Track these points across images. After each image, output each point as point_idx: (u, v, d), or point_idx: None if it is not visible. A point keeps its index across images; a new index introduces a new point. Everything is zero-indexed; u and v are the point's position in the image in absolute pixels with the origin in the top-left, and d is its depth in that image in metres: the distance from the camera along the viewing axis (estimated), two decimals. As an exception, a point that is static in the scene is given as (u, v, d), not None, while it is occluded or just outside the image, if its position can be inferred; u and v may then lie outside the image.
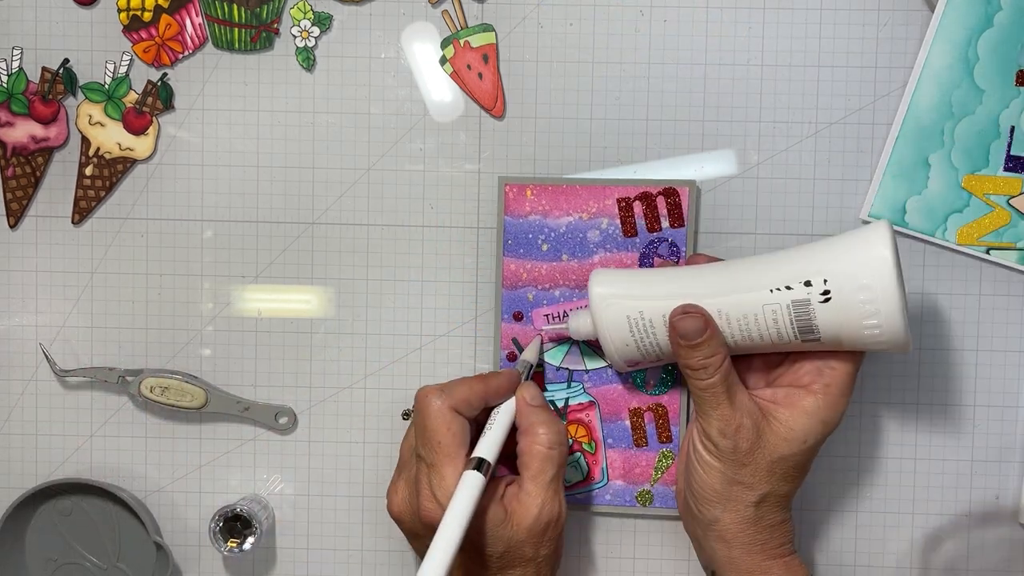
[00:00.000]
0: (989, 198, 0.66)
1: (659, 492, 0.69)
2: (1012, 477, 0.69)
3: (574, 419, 0.68)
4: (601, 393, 0.68)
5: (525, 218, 0.68)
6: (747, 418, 0.61)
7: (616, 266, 0.67)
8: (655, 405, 0.68)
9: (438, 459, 0.60)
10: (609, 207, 0.67)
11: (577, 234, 0.67)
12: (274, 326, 0.70)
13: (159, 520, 0.71)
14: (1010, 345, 0.68)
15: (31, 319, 0.70)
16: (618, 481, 0.69)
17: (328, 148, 0.69)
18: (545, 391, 0.68)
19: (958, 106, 0.66)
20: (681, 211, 0.67)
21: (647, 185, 0.67)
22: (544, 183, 0.67)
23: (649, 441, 0.68)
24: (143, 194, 0.69)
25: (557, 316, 0.68)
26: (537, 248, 0.68)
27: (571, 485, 0.68)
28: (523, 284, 0.68)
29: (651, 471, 0.68)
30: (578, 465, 0.68)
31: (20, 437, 0.70)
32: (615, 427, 0.68)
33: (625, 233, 0.67)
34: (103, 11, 0.68)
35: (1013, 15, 0.65)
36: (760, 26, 0.68)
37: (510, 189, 0.67)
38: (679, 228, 0.67)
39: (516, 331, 0.68)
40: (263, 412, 0.69)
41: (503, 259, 0.68)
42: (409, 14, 0.68)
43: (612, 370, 0.68)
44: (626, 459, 0.68)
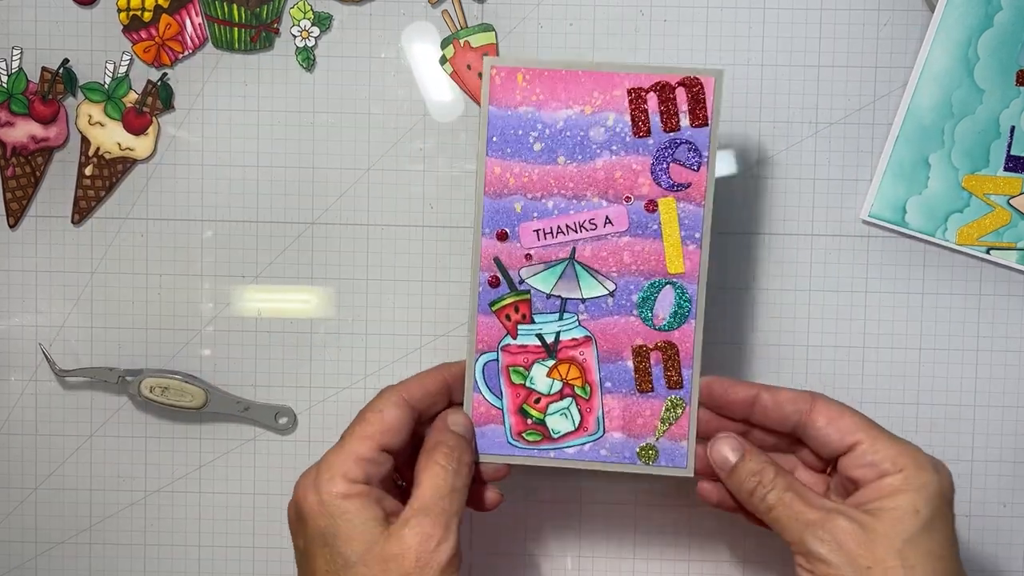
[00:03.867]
0: (989, 198, 0.66)
1: (665, 447, 0.59)
2: (1012, 478, 0.69)
3: (566, 357, 0.59)
4: (600, 327, 0.59)
5: (514, 110, 0.57)
6: (842, 517, 0.54)
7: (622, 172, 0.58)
8: (663, 343, 0.59)
9: (347, 435, 0.57)
10: (617, 99, 0.57)
11: (577, 132, 0.58)
12: (274, 326, 0.70)
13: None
14: (1010, 345, 0.68)
15: (31, 319, 0.70)
16: (616, 433, 0.60)
17: (328, 148, 0.69)
18: (533, 323, 0.59)
19: (958, 106, 0.66)
20: (705, 106, 0.57)
21: (665, 73, 0.57)
22: (540, 67, 0.57)
23: (655, 386, 0.59)
24: (143, 194, 0.69)
25: (550, 232, 0.58)
26: (528, 147, 0.58)
27: (561, 436, 0.60)
28: (509, 192, 0.58)
29: (656, 422, 0.59)
30: (568, 413, 0.60)
31: (20, 437, 0.70)
32: (615, 368, 0.59)
33: (636, 132, 0.57)
34: (103, 11, 0.68)
35: (1013, 15, 0.65)
36: (760, 26, 0.68)
37: (497, 73, 0.57)
38: (701, 127, 0.57)
39: (500, 251, 0.59)
40: (263, 412, 0.69)
41: (486, 159, 0.58)
42: (409, 14, 0.68)
43: (613, 299, 0.59)
44: (627, 407, 0.59)
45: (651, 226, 0.58)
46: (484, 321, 0.59)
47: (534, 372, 0.60)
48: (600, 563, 0.70)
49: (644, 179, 0.58)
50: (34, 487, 0.71)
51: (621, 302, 0.59)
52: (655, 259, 0.59)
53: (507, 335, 0.59)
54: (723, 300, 0.69)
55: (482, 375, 0.60)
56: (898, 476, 0.54)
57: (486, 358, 0.60)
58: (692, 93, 0.57)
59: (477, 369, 0.60)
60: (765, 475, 0.56)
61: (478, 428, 0.60)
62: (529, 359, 0.59)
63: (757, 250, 0.69)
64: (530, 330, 0.59)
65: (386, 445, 0.56)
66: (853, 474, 0.56)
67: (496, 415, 0.60)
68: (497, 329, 0.59)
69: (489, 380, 0.60)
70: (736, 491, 0.58)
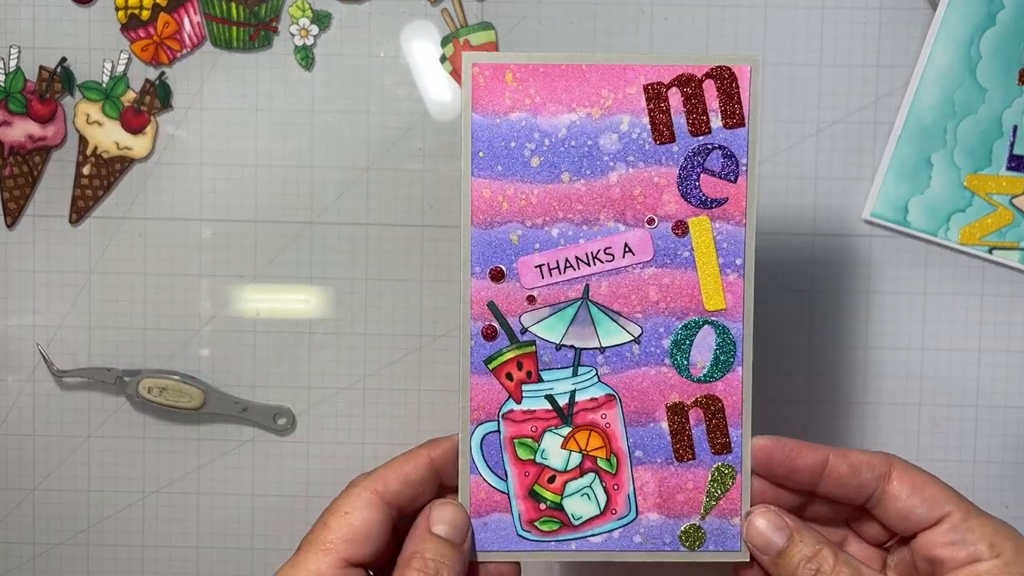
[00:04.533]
0: (992, 198, 0.66)
1: (714, 527, 0.49)
2: (1015, 479, 0.69)
3: (584, 422, 0.49)
4: (624, 382, 0.49)
5: (505, 117, 0.47)
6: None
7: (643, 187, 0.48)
8: (705, 398, 0.49)
9: (304, 545, 0.48)
10: (632, 98, 0.47)
11: (584, 140, 0.48)
12: (273, 326, 0.70)
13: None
14: (1012, 345, 0.68)
15: (28, 319, 0.70)
16: (653, 514, 0.49)
17: (327, 147, 0.69)
18: (540, 382, 0.49)
19: (960, 105, 0.66)
20: (740, 102, 0.47)
21: (688, 64, 0.47)
22: (533, 62, 0.47)
23: (697, 452, 0.49)
24: (141, 193, 0.69)
25: (556, 267, 0.48)
26: (524, 163, 0.48)
27: (583, 522, 0.49)
28: (503, 219, 0.48)
29: (701, 497, 0.49)
30: (591, 493, 0.49)
31: (17, 438, 0.70)
32: (646, 433, 0.49)
33: (657, 138, 0.47)
34: (101, 10, 0.68)
35: (1015, 13, 0.65)
36: (761, 25, 0.68)
37: (480, 72, 0.47)
38: (738, 128, 0.48)
39: (495, 294, 0.49)
40: (261, 413, 0.69)
41: (471, 180, 0.48)
42: (408, 12, 0.68)
43: (640, 347, 0.48)
44: (664, 480, 0.49)
45: (682, 253, 0.49)
46: (480, 383, 0.49)
47: (546, 444, 0.49)
48: (600, 564, 0.70)
49: (670, 195, 0.48)
50: (32, 488, 0.70)
51: (649, 349, 0.49)
52: (689, 294, 0.49)
53: (509, 399, 0.49)
54: (724, 300, 0.69)
55: (480, 451, 0.50)
56: (996, 562, 0.47)
57: (484, 429, 0.49)
58: (723, 86, 0.48)
59: (474, 444, 0.49)
60: (824, 561, 0.48)
61: (479, 519, 0.50)
62: (538, 428, 0.49)
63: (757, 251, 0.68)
64: (538, 391, 0.49)
65: (354, 558, 0.47)
66: (938, 553, 0.48)
67: (501, 501, 0.50)
68: (496, 392, 0.49)
69: (489, 457, 0.49)
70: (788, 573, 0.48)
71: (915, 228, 0.67)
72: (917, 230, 0.67)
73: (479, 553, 0.49)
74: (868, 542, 0.52)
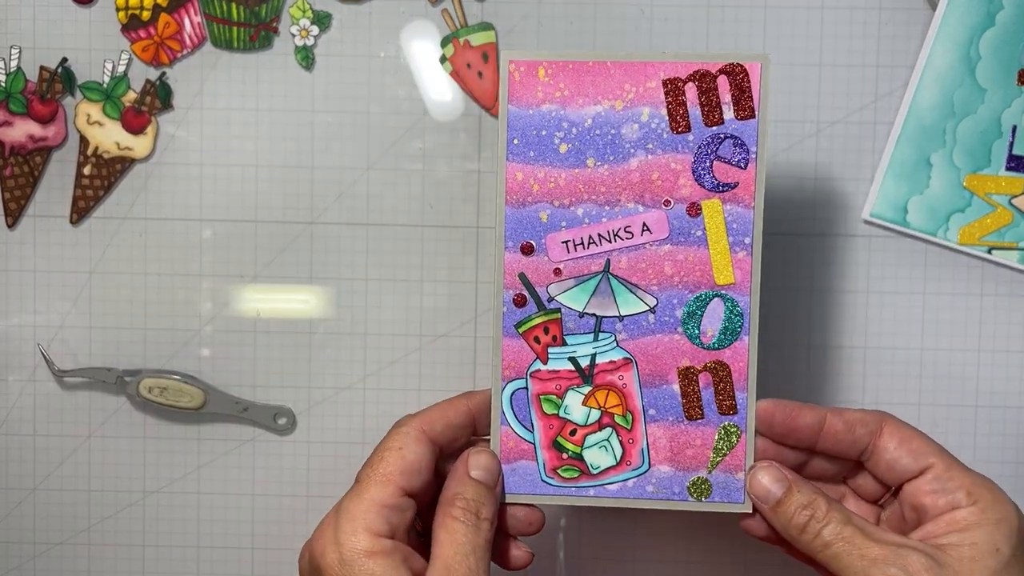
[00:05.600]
0: (991, 198, 0.66)
1: (719, 481, 0.54)
2: (1014, 479, 0.69)
3: (603, 383, 0.53)
4: (640, 347, 0.53)
5: (537, 108, 0.53)
6: (914, 552, 0.49)
7: (660, 172, 0.53)
8: (713, 364, 0.53)
9: (364, 477, 0.52)
10: (652, 91, 0.52)
11: (608, 130, 0.52)
12: (273, 326, 0.70)
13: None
14: (1012, 345, 0.68)
15: (29, 319, 0.70)
16: (664, 466, 0.54)
17: (327, 147, 0.69)
18: (565, 345, 0.54)
19: (960, 105, 0.66)
20: (751, 96, 0.52)
21: (704, 60, 0.52)
22: (564, 59, 0.52)
23: (706, 412, 0.54)
24: (142, 193, 0.69)
25: (581, 243, 0.53)
26: (553, 149, 0.53)
27: (601, 471, 0.54)
28: (534, 200, 0.53)
29: (708, 453, 0.54)
30: (609, 445, 0.54)
31: (18, 438, 0.70)
32: (659, 393, 0.54)
33: (674, 128, 0.52)
34: (101, 10, 0.68)
35: (1015, 14, 0.65)
36: (761, 25, 0.68)
37: (516, 68, 0.52)
38: (748, 120, 0.52)
39: (525, 266, 0.54)
40: (262, 413, 0.69)
41: (506, 165, 0.53)
42: (409, 13, 0.68)
43: (655, 316, 0.53)
44: (674, 436, 0.54)
45: (695, 232, 0.53)
46: (510, 345, 0.54)
47: (568, 400, 0.54)
48: (600, 564, 0.70)
49: (685, 180, 0.53)
50: (32, 488, 0.71)
51: (664, 319, 0.53)
52: (701, 269, 0.53)
53: (536, 360, 0.54)
54: (724, 300, 0.69)
55: (510, 405, 0.55)
56: (973, 509, 0.50)
57: (514, 386, 0.54)
58: (736, 82, 0.52)
59: (504, 399, 0.54)
60: (817, 508, 0.51)
61: (507, 465, 0.55)
62: (562, 386, 0.54)
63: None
64: (562, 353, 0.54)
65: (409, 488, 0.52)
66: (922, 500, 0.52)
67: (527, 450, 0.55)
68: (525, 353, 0.54)
69: (518, 411, 0.54)
70: (784, 528, 0.52)
71: (914, 228, 0.67)
72: (916, 230, 0.67)
73: (507, 495, 0.55)
74: (864, 499, 0.56)
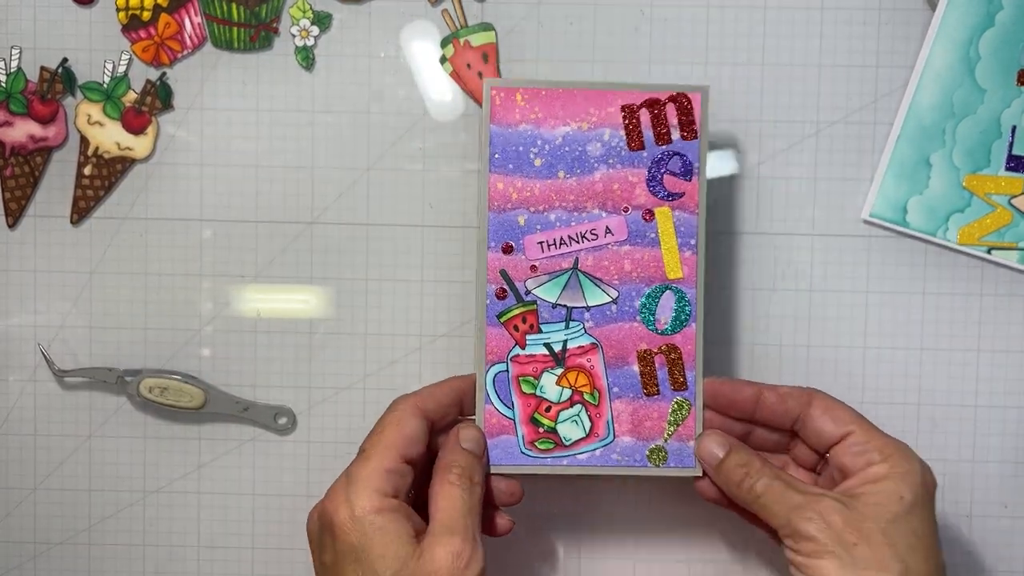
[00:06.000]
0: (991, 198, 0.66)
1: (674, 448, 0.61)
2: (1014, 478, 0.69)
3: (574, 365, 0.61)
4: (605, 334, 0.61)
5: (515, 128, 0.60)
6: (828, 498, 0.56)
7: (620, 184, 0.61)
8: (667, 347, 0.61)
9: (368, 446, 0.58)
10: (612, 115, 0.60)
11: (576, 147, 0.60)
12: (273, 326, 0.70)
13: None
14: (1011, 345, 0.68)
15: (30, 319, 0.70)
16: (626, 437, 0.61)
17: (327, 148, 0.69)
18: (540, 332, 0.61)
19: (959, 105, 0.66)
20: (694, 120, 0.61)
21: (654, 91, 0.60)
22: (537, 87, 0.60)
23: (661, 389, 0.61)
24: (142, 194, 0.69)
25: (553, 243, 0.61)
26: (529, 163, 0.60)
27: (573, 443, 0.61)
28: (513, 206, 0.60)
29: (664, 424, 0.61)
30: (579, 420, 0.61)
31: (18, 438, 0.70)
32: (622, 373, 0.61)
33: (631, 146, 0.60)
34: (102, 10, 0.68)
35: (1014, 14, 0.65)
36: (760, 25, 0.68)
37: (497, 93, 0.60)
38: (692, 140, 0.61)
39: (505, 264, 0.61)
40: (262, 412, 0.69)
41: (489, 176, 0.60)
42: (409, 13, 0.68)
43: (617, 306, 0.61)
44: (635, 411, 0.61)
45: (649, 234, 0.61)
46: (493, 333, 0.61)
47: (543, 381, 0.61)
48: (599, 563, 0.70)
49: (640, 190, 0.61)
50: (33, 487, 0.71)
51: (624, 308, 0.61)
52: (654, 266, 0.61)
53: (516, 345, 0.61)
54: (723, 300, 0.69)
55: (492, 386, 0.61)
56: (884, 464, 0.57)
57: (496, 369, 0.61)
58: (681, 108, 0.61)
59: (488, 380, 0.61)
60: (752, 465, 0.59)
61: (491, 439, 0.61)
62: (538, 368, 0.61)
63: (757, 250, 0.69)
64: (538, 340, 0.61)
65: (408, 456, 0.58)
66: (843, 461, 0.58)
67: (508, 425, 0.61)
68: (506, 340, 0.61)
69: (500, 391, 0.61)
70: (725, 484, 0.60)
71: (914, 228, 0.67)
72: (916, 230, 0.67)
73: (491, 467, 0.61)
74: (803, 467, 0.63)
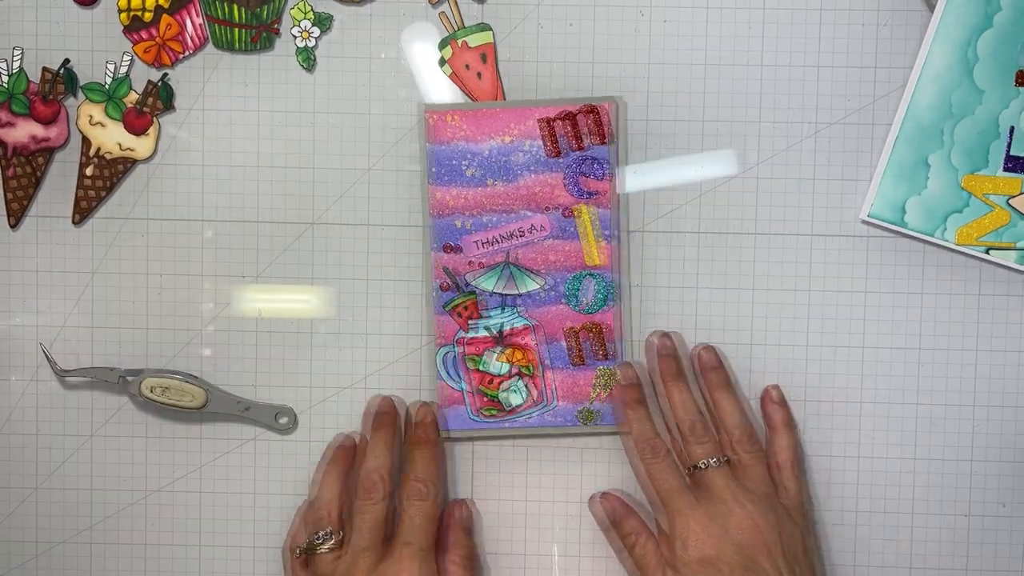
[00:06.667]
0: (989, 198, 0.66)
1: (599, 409, 0.69)
2: (1012, 477, 0.69)
3: (512, 343, 0.69)
4: (537, 316, 0.69)
5: (449, 144, 0.67)
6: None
7: (542, 187, 0.68)
8: (590, 324, 0.69)
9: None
10: (531, 128, 0.67)
11: (502, 157, 0.67)
12: (274, 326, 0.70)
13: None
14: (1010, 345, 0.68)
15: (32, 319, 0.70)
16: (560, 402, 0.69)
17: (328, 148, 0.69)
18: (481, 318, 0.69)
19: (958, 106, 0.66)
20: (603, 128, 0.67)
21: (567, 104, 0.67)
22: (465, 108, 0.67)
23: (587, 359, 0.69)
24: (143, 194, 0.69)
25: (488, 242, 0.68)
26: (462, 174, 0.67)
27: (514, 409, 0.69)
28: (451, 212, 0.68)
29: (590, 389, 0.69)
30: (519, 389, 0.69)
31: (20, 437, 0.70)
32: (554, 348, 0.69)
33: (549, 153, 0.67)
34: (104, 11, 0.68)
35: (1013, 15, 0.65)
36: (760, 26, 0.68)
37: (431, 116, 0.67)
38: (603, 145, 0.67)
39: (448, 261, 0.68)
40: (263, 412, 0.69)
41: (429, 187, 0.68)
42: (409, 14, 0.68)
43: (545, 292, 0.69)
44: (566, 379, 0.69)
45: (570, 229, 0.68)
46: (441, 320, 0.69)
47: (487, 358, 0.69)
48: (600, 563, 0.71)
49: (560, 191, 0.68)
50: (35, 487, 0.71)
51: (552, 293, 0.69)
52: (576, 256, 0.68)
53: (460, 330, 0.69)
54: (723, 300, 0.69)
55: (443, 365, 0.69)
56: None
57: (446, 350, 0.69)
58: (593, 118, 0.67)
59: (439, 360, 0.69)
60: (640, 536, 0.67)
61: (445, 409, 0.69)
62: (481, 348, 0.69)
63: (757, 250, 0.69)
64: (480, 324, 0.69)
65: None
66: None
67: (459, 397, 0.69)
68: (452, 325, 0.69)
69: (450, 368, 0.69)
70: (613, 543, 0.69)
71: (912, 228, 0.67)
72: (914, 230, 0.67)
73: (447, 431, 0.69)
74: None
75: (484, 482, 0.71)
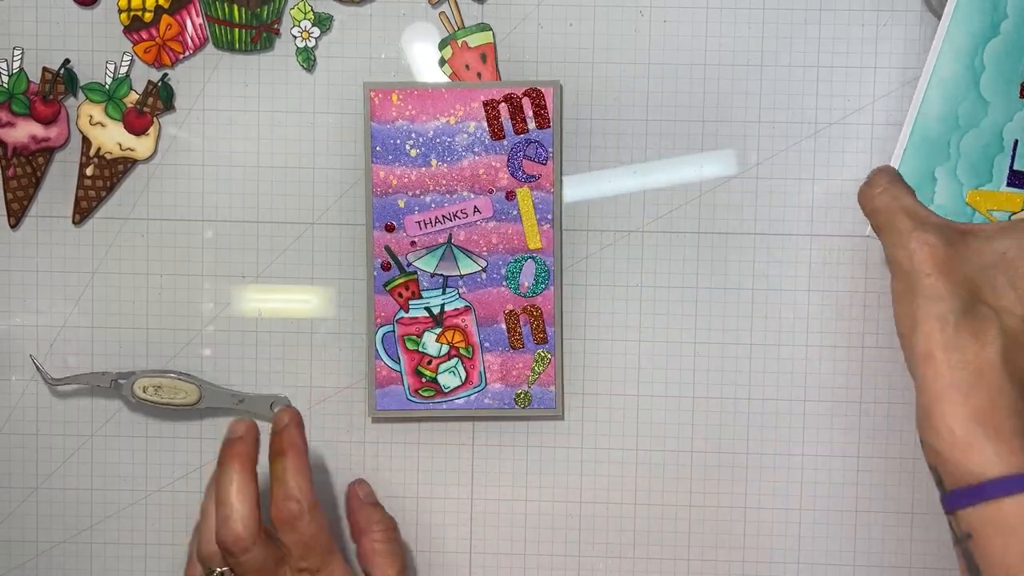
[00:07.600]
0: (992, 214, 0.66)
1: (536, 393, 0.69)
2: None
3: (450, 325, 0.69)
4: (476, 297, 0.69)
5: (392, 123, 0.67)
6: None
7: (485, 169, 0.68)
8: (529, 307, 0.69)
9: None
10: (476, 110, 0.67)
11: (445, 138, 0.67)
12: (274, 326, 0.70)
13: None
14: (1009, 347, 0.69)
15: (32, 319, 0.70)
16: (496, 384, 0.69)
17: (328, 148, 0.69)
18: (421, 298, 0.68)
19: (964, 118, 0.65)
20: (547, 112, 0.67)
21: (511, 87, 0.67)
22: (410, 87, 0.67)
23: (525, 343, 0.69)
24: (144, 194, 0.69)
25: (429, 222, 0.68)
26: (406, 154, 0.67)
27: (451, 390, 0.69)
28: (393, 191, 0.68)
29: (528, 372, 0.69)
30: (456, 371, 0.69)
31: (20, 438, 0.71)
32: (491, 331, 0.69)
33: (492, 136, 0.67)
34: (104, 11, 0.68)
35: (1019, 23, 0.64)
36: (760, 26, 0.68)
37: (376, 94, 0.67)
38: (546, 129, 0.67)
39: (389, 240, 0.68)
40: (258, 403, 0.69)
41: (372, 166, 0.67)
42: (409, 14, 0.68)
43: (486, 274, 0.69)
44: (503, 362, 0.69)
45: (512, 212, 0.68)
46: (380, 300, 0.69)
47: (425, 339, 0.69)
48: (600, 562, 0.71)
49: (503, 174, 0.68)
50: (35, 487, 0.71)
51: (492, 276, 0.69)
52: (517, 239, 0.69)
53: (400, 309, 0.69)
54: (723, 300, 0.69)
55: (381, 344, 0.69)
56: None
57: (384, 330, 0.69)
58: (536, 101, 0.67)
59: (377, 340, 0.69)
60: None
61: (381, 389, 0.69)
62: (420, 328, 0.69)
63: (757, 250, 0.69)
64: (419, 304, 0.69)
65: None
66: None
67: (396, 377, 0.69)
68: (391, 305, 0.69)
69: (388, 348, 0.69)
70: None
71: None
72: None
73: (382, 412, 0.70)
74: None
75: (484, 481, 0.71)
